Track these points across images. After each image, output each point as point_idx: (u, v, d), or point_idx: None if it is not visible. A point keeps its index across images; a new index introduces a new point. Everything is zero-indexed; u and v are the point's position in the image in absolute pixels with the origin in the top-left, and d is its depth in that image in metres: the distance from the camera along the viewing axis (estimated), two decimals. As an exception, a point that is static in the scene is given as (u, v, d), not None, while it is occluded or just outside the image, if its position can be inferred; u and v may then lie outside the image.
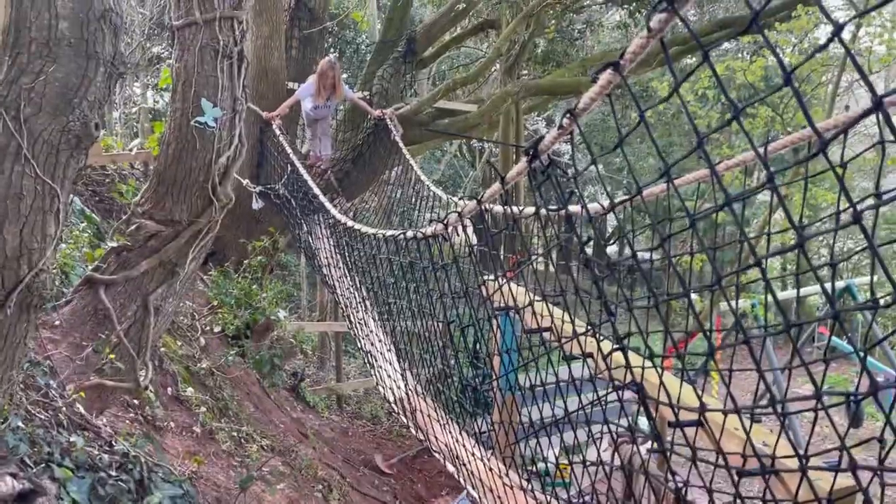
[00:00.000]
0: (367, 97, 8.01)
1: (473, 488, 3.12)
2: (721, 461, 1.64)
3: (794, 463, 1.98)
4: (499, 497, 2.63)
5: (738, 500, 1.29)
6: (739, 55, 11.62)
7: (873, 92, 0.98)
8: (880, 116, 0.91)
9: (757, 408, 1.83)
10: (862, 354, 1.28)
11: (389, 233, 3.19)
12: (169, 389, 4.53)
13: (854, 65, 1.00)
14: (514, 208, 2.19)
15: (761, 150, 1.60)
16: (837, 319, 1.27)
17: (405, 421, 4.39)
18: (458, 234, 2.43)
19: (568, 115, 1.63)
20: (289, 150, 6.36)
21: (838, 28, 0.87)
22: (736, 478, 1.72)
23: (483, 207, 2.11)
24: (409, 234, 2.76)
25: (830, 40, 0.90)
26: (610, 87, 1.51)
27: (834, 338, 10.37)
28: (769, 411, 1.26)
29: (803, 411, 1.38)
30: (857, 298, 10.31)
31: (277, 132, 6.57)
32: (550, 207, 1.72)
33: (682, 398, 1.79)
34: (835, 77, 10.69)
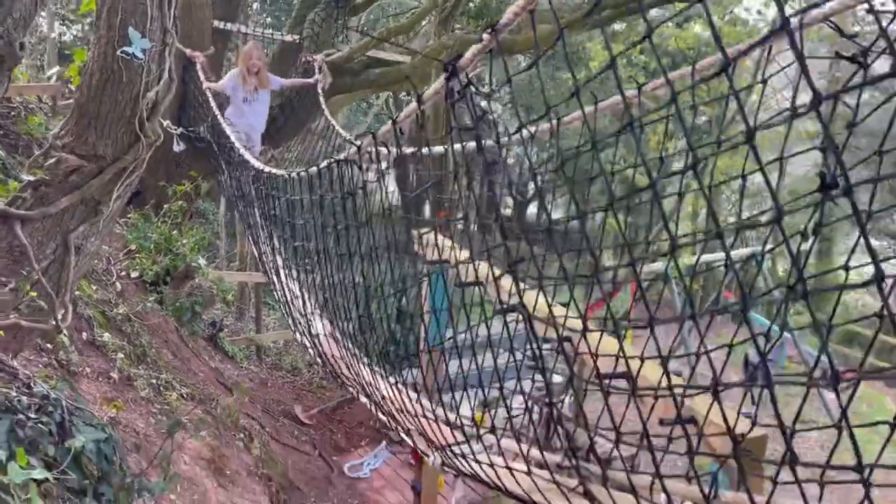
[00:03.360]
0: (297, 41, 7.75)
1: (388, 416, 3.09)
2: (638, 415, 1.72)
3: (703, 407, 2.08)
4: (411, 426, 2.63)
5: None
6: (668, 25, 11.87)
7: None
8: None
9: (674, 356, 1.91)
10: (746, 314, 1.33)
11: (301, 170, 3.08)
12: (84, 334, 4.35)
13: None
14: (438, 148, 2.17)
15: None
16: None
17: (315, 358, 4.32)
18: (373, 163, 2.36)
19: (489, 31, 1.57)
20: (208, 91, 6.10)
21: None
22: (658, 423, 1.81)
23: (398, 129, 2.07)
24: (323, 164, 2.67)
25: None
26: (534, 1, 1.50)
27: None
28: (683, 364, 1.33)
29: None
30: (761, 265, 10.93)
31: (201, 74, 6.28)
32: (464, 128, 1.70)
33: (605, 351, 1.86)
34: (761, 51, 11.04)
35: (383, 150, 2.28)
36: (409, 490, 5.91)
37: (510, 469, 1.98)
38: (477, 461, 1.99)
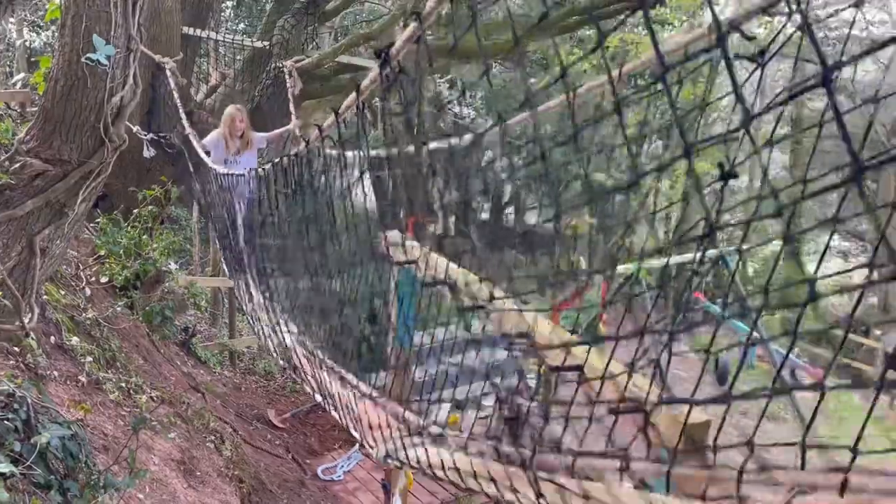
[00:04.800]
0: (267, 47, 7.80)
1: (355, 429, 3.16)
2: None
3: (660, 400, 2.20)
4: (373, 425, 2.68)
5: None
6: (635, 30, 12.09)
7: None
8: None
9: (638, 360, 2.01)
10: (725, 316, 1.44)
11: (259, 168, 3.15)
12: (52, 338, 4.37)
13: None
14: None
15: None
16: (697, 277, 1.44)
17: (283, 364, 4.36)
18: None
19: (415, 18, 1.65)
20: (178, 102, 6.13)
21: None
22: (612, 414, 1.91)
23: (342, 120, 2.13)
24: (276, 160, 2.74)
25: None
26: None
27: (708, 303, 11.26)
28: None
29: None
30: (729, 266, 11.17)
31: (169, 75, 6.29)
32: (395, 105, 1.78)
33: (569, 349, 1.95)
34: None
35: (349, 153, 2.35)
36: (381, 491, 5.98)
37: (453, 460, 2.04)
38: (424, 450, 2.06)
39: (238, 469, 5.20)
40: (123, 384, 4.63)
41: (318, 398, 2.98)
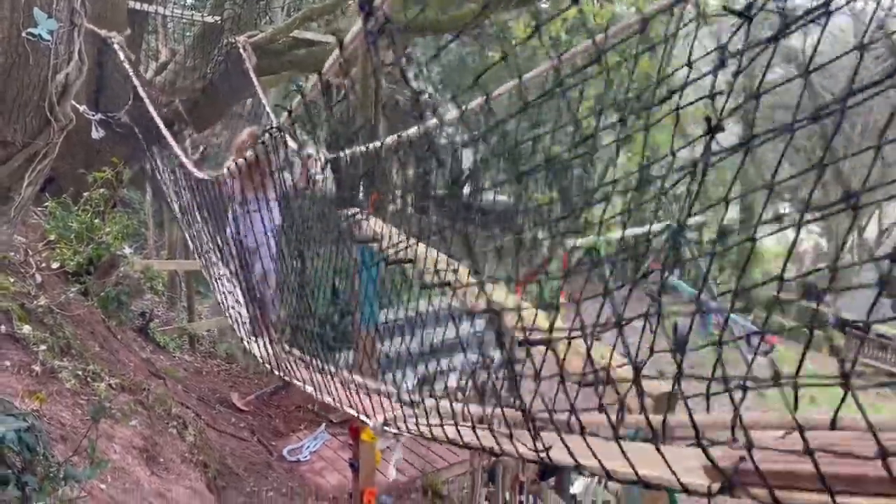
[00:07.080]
0: (218, 22, 7.57)
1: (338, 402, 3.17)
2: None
3: (626, 372, 2.22)
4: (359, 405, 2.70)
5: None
6: (593, 3, 12.06)
7: None
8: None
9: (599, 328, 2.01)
10: (681, 283, 1.44)
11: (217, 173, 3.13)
12: (2, 327, 4.21)
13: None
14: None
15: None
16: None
17: (269, 368, 4.36)
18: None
19: None
20: (132, 72, 5.92)
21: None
22: (577, 387, 1.91)
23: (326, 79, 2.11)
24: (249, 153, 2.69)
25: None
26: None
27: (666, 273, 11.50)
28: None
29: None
30: (685, 236, 11.39)
31: (118, 49, 6.05)
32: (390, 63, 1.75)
33: (534, 322, 1.94)
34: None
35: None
36: (349, 470, 5.95)
37: (443, 426, 2.05)
38: (416, 425, 2.06)
39: (203, 454, 5.12)
40: (80, 372, 4.49)
41: (309, 389, 2.97)
